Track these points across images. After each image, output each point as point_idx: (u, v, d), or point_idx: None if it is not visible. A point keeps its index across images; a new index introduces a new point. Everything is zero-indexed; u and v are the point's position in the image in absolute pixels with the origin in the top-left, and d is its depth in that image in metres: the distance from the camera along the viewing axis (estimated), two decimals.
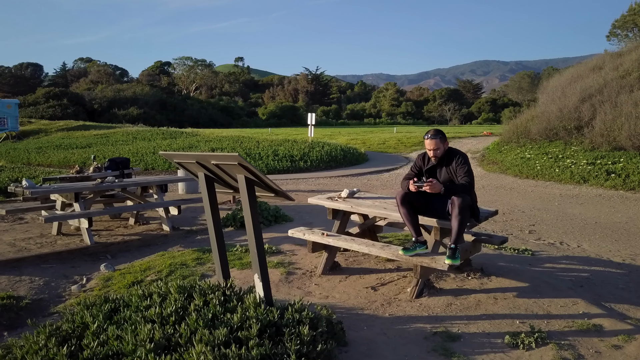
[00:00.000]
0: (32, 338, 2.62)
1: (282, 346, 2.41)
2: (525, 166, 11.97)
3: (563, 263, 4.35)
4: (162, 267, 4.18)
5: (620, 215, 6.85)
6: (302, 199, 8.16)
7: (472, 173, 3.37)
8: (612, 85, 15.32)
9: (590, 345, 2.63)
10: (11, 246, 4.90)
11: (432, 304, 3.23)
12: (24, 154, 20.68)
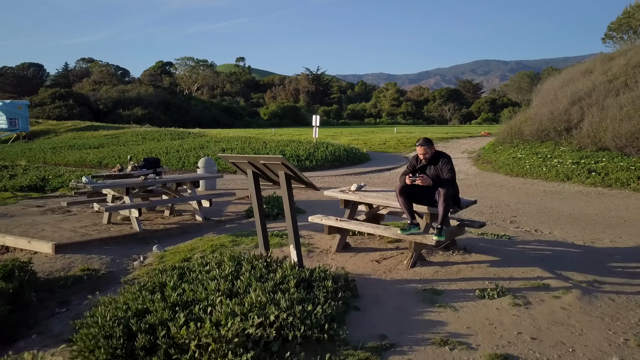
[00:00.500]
0: (130, 289, 3.58)
1: (312, 294, 3.37)
2: (516, 165, 12.92)
3: (533, 245, 5.30)
4: (205, 248, 5.13)
5: (593, 208, 7.80)
6: (311, 194, 9.12)
7: (454, 170, 4.32)
8: (600, 89, 16.27)
9: (537, 296, 3.58)
10: (73, 232, 5.85)
11: (423, 271, 4.18)
12: (39, 154, 21.62)
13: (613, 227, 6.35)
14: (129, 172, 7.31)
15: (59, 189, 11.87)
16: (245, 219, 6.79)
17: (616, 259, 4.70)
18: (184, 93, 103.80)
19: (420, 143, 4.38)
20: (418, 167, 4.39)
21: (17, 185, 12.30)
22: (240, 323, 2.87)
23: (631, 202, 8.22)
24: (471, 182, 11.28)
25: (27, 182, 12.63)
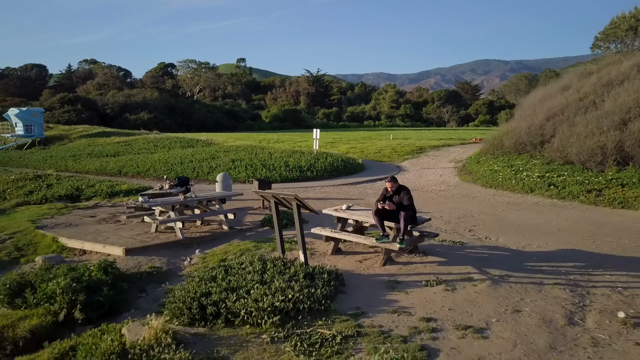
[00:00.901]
0: (192, 280, 5.44)
1: (314, 282, 5.23)
2: (492, 177, 14.78)
3: (478, 249, 7.15)
4: (235, 251, 6.99)
5: (541, 218, 9.64)
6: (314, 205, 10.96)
7: (412, 198, 6.16)
8: (572, 106, 18.12)
9: (462, 285, 5.44)
10: (132, 239, 7.71)
11: (391, 268, 6.04)
12: (61, 162, 23.46)
13: (547, 234, 8.21)
14: (167, 190, 9.16)
15: (92, 198, 13.73)
16: (261, 227, 8.65)
17: (532, 259, 6.56)
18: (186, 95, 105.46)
19: (388, 180, 6.23)
20: (387, 195, 6.24)
21: (55, 195, 14.17)
22: (270, 299, 4.73)
23: (573, 214, 10.07)
24: (450, 193, 13.13)
25: (64, 191, 14.50)
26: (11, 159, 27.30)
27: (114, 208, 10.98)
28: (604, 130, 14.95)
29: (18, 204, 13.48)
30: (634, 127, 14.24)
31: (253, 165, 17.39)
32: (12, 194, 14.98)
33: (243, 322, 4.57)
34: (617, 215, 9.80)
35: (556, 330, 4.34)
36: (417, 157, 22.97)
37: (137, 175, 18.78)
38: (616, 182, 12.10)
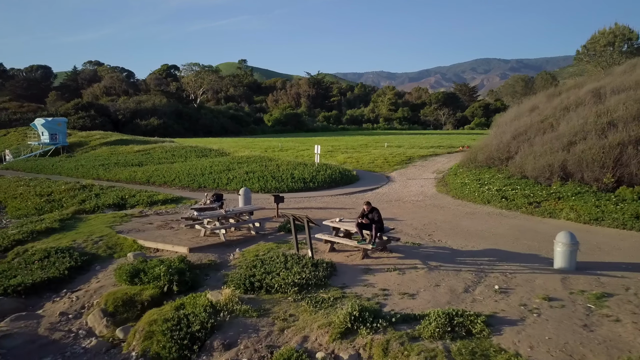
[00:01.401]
0: (239, 269, 8.77)
1: (317, 268, 8.57)
2: (460, 189, 18.09)
3: (429, 249, 10.47)
4: (264, 249, 10.31)
5: (485, 225, 12.95)
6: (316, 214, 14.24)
7: (381, 216, 9.47)
8: (534, 127, 21.42)
9: (409, 271, 8.76)
10: (190, 241, 11.03)
11: (367, 261, 9.37)
12: (92, 171, 26.70)
13: (483, 238, 11.52)
14: (209, 204, 12.47)
15: (136, 206, 17.04)
16: (278, 232, 11.97)
17: (463, 256, 9.88)
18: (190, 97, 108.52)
19: (365, 203, 9.55)
20: (365, 213, 9.56)
21: (105, 203, 17.50)
22: (292, 277, 8.07)
23: (511, 222, 13.39)
24: (424, 203, 16.45)
25: (111, 200, 17.82)
26: (45, 166, 30.53)
27: (163, 216, 14.31)
28: (554, 151, 18.25)
29: (76, 211, 16.72)
30: (576, 149, 17.53)
31: (264, 177, 20.70)
32: (67, 202, 18.29)
33: (276, 291, 7.91)
34: (543, 224, 13.13)
35: (456, 295, 7.66)
36: (405, 167, 26.29)
37: (163, 185, 22.04)
38: (554, 196, 15.41)
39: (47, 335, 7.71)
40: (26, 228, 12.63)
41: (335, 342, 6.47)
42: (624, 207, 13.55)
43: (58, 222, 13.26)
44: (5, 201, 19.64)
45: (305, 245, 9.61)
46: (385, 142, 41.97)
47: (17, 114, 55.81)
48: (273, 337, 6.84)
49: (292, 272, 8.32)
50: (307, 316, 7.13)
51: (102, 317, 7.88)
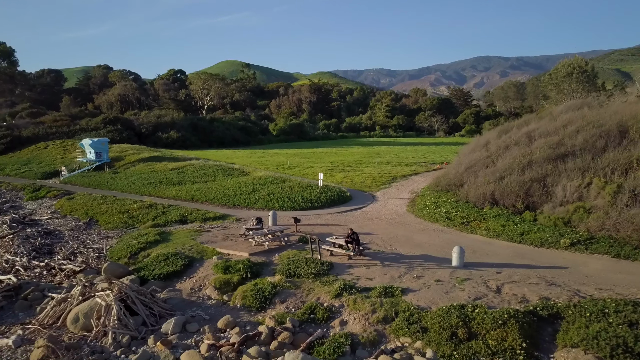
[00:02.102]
0: (280, 266, 16.56)
1: (323, 265, 16.37)
2: (422, 210, 25.80)
3: (387, 254, 18.24)
4: (292, 254, 18.07)
5: (428, 238, 20.65)
6: (320, 229, 22.00)
7: (358, 236, 17.24)
8: (481, 162, 29.11)
9: (372, 267, 16.53)
10: (248, 249, 18.79)
11: (350, 262, 17.16)
12: (144, 188, 34.37)
13: (422, 247, 19.26)
14: (256, 225, 20.20)
15: (194, 222, 24.77)
16: (299, 242, 19.69)
17: (405, 258, 17.65)
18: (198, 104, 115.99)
19: (350, 230, 17.33)
20: (350, 234, 17.32)
21: (172, 220, 25.22)
22: (310, 270, 15.88)
23: (445, 236, 21.10)
24: (394, 221, 24.17)
25: (175, 217, 25.54)
26: (100, 182, 38.26)
27: (221, 231, 22.04)
28: (489, 182, 25.98)
29: (152, 225, 24.51)
30: (503, 182, 25.24)
31: (282, 198, 28.43)
32: (143, 218, 26.02)
33: (302, 277, 15.70)
34: (465, 237, 20.89)
35: (393, 279, 15.41)
36: (388, 186, 34.02)
37: (205, 202, 29.74)
38: (481, 217, 23.12)
39: (188, 299, 15.48)
40: (142, 239, 20.37)
41: (332, 299, 14.22)
42: (519, 226, 21.29)
43: (158, 236, 21.02)
44: (95, 216, 27.35)
45: (315, 252, 17.37)
46: (377, 159, 49.62)
47: (52, 127, 63.40)
48: (303, 297, 14.60)
49: (309, 267, 16.08)
50: (319, 288, 14.89)
51: (214, 290, 15.64)
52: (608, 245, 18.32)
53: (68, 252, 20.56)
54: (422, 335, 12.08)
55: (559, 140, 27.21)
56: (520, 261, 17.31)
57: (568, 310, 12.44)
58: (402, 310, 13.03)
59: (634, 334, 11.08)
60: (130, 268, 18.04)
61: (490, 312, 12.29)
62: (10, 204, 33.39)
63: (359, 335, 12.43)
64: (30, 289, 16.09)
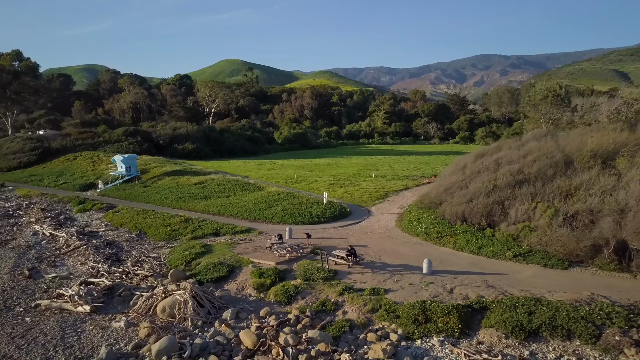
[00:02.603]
0: (300, 272, 23.23)
1: (329, 272, 23.05)
2: (407, 225, 32.38)
3: (377, 263, 24.87)
4: (306, 263, 24.71)
5: (409, 250, 27.23)
6: (326, 242, 28.66)
7: (355, 250, 23.88)
8: (457, 184, 35.67)
9: (366, 273, 23.18)
10: (274, 258, 25.43)
11: (349, 269, 23.82)
12: (175, 202, 40.93)
13: (404, 258, 25.87)
14: (278, 240, 26.83)
15: (225, 235, 31.42)
16: (311, 254, 26.31)
17: (390, 266, 24.28)
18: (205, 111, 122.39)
19: (349, 245, 23.99)
20: (349, 249, 23.95)
21: (207, 233, 31.87)
22: (320, 275, 22.56)
23: (422, 248, 27.69)
24: (384, 235, 30.77)
25: (210, 231, 32.20)
26: (134, 196, 44.85)
27: (249, 243, 28.65)
28: (462, 203, 32.57)
29: (192, 237, 31.19)
30: (472, 203, 31.82)
31: (294, 214, 35.02)
32: (184, 231, 32.65)
33: (315, 280, 22.34)
34: (437, 250, 27.52)
35: (379, 282, 22.04)
36: (382, 202, 40.60)
37: (230, 216, 36.33)
38: (452, 232, 29.70)
39: (235, 296, 22.12)
40: (192, 251, 26.98)
41: (337, 297, 20.85)
42: (479, 241, 27.88)
43: (202, 248, 27.64)
44: (143, 229, 33.95)
45: (324, 262, 23.99)
46: (374, 172, 56.17)
47: (79, 140, 69.86)
48: (316, 295, 21.24)
49: (320, 273, 22.72)
50: (327, 289, 21.53)
51: (253, 289, 22.28)
52: (540, 257, 24.97)
53: (134, 260, 27.17)
54: (395, 320, 18.71)
55: (519, 168, 33.83)
56: (473, 269, 23.95)
57: (493, 304, 19.09)
58: (384, 304, 19.67)
59: (529, 318, 17.74)
60: (187, 273, 24.66)
61: (441, 305, 18.94)
62: (64, 216, 39.99)
63: (355, 320, 19.07)
64: (122, 289, 22.74)
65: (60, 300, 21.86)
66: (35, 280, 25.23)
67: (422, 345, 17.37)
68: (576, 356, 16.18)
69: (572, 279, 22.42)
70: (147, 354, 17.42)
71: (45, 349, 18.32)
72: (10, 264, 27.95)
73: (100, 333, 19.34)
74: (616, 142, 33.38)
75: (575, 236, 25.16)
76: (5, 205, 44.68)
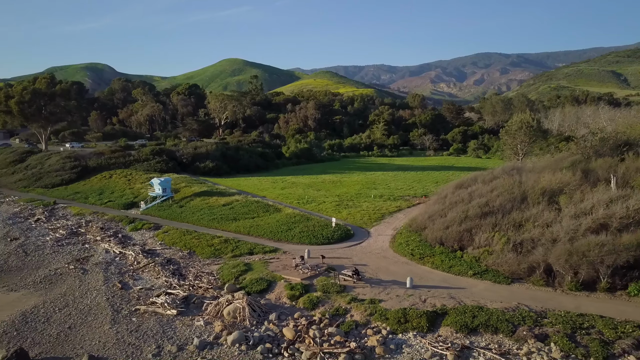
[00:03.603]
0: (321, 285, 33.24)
1: (340, 287, 33.05)
2: (397, 247, 42.30)
3: (373, 279, 34.77)
4: (324, 279, 34.67)
5: (398, 268, 37.10)
6: (335, 261, 38.65)
7: (358, 270, 33.86)
8: (438, 213, 45.53)
9: (365, 287, 33.15)
10: (299, 275, 35.39)
11: (354, 285, 33.82)
12: (210, 223, 50.89)
13: (394, 275, 35.79)
14: (300, 262, 36.79)
15: (258, 254, 41.46)
16: (326, 271, 36.25)
17: (383, 282, 34.23)
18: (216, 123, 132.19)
19: (354, 268, 33.98)
20: (353, 269, 33.90)
21: (244, 252, 41.98)
22: (334, 289, 32.56)
23: (407, 267, 37.52)
24: (380, 255, 40.69)
25: (246, 250, 42.31)
26: (174, 216, 54.85)
27: (278, 262, 38.62)
28: (441, 229, 42.51)
29: (232, 256, 41.29)
30: (448, 230, 41.72)
31: (309, 235, 44.96)
32: (225, 250, 42.70)
33: (331, 293, 32.31)
34: (419, 268, 37.47)
35: (375, 294, 32.00)
36: (379, 223, 50.52)
37: (258, 237, 46.28)
38: (431, 254, 39.64)
39: (274, 304, 32.05)
40: (238, 268, 36.92)
41: (346, 305, 30.79)
42: (451, 261, 37.80)
43: (244, 266, 37.60)
44: (192, 248, 43.85)
45: (336, 279, 33.91)
46: (372, 191, 66.07)
47: (112, 158, 79.60)
48: (332, 303, 31.19)
49: (334, 287, 32.67)
50: (339, 299, 31.50)
51: (287, 299, 32.21)
52: (492, 275, 34.93)
53: (194, 275, 37.11)
54: (385, 321, 28.66)
55: (486, 201, 43.77)
56: (443, 284, 33.89)
57: (451, 310, 29.08)
58: (378, 310, 29.64)
59: (472, 320, 27.73)
60: (237, 286, 34.58)
61: (416, 311, 28.91)
62: (121, 234, 49.92)
63: (359, 321, 29.02)
64: (194, 298, 32.70)
65: (153, 306, 31.86)
66: (127, 290, 35.22)
67: (402, 337, 27.38)
68: (498, 344, 26.17)
69: (511, 292, 32.42)
70: (224, 342, 27.40)
71: (155, 339, 28.32)
72: (101, 277, 37.92)
73: (188, 329, 29.32)
74: (561, 181, 43.32)
75: (518, 259, 35.16)
76: (67, 224, 54.62)
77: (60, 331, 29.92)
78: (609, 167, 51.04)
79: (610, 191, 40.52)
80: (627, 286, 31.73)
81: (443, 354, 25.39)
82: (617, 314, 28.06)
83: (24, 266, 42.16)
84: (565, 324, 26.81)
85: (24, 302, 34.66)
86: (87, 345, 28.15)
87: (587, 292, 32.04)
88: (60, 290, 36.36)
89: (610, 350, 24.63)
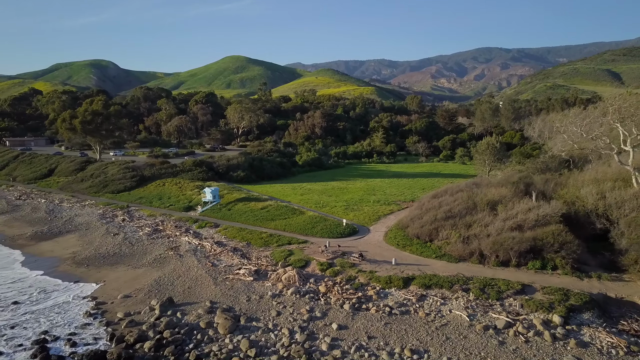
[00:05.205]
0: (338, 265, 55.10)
1: (353, 264, 54.91)
2: (389, 240, 63.95)
3: (372, 260, 56.59)
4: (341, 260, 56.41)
5: (390, 253, 58.68)
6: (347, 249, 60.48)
7: (362, 253, 55.58)
8: (417, 216, 67.03)
9: (366, 266, 55.00)
10: (325, 256, 57.13)
11: (360, 263, 55.61)
12: (257, 222, 72.88)
13: (385, 257, 57.49)
14: (326, 248, 58.52)
15: (295, 244, 63.39)
16: (341, 254, 57.93)
17: (377, 261, 56.06)
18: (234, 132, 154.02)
19: (360, 252, 55.78)
20: (360, 254, 55.60)
21: (284, 242, 64.00)
22: (347, 265, 54.43)
23: (395, 253, 59.26)
24: (376, 245, 62.20)
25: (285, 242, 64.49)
26: (227, 217, 76.85)
27: (310, 248, 60.39)
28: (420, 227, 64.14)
29: (277, 245, 63.44)
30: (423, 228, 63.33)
31: (327, 231, 66.74)
32: (271, 241, 64.92)
33: (346, 267, 54.14)
34: (401, 253, 59.21)
35: (373, 268, 53.82)
36: (377, 222, 72.19)
37: (292, 232, 68.18)
38: (411, 244, 61.29)
39: (312, 273, 53.89)
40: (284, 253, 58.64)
41: (355, 274, 52.50)
42: (422, 249, 59.58)
43: (288, 252, 59.37)
44: (249, 241, 65.54)
45: (348, 259, 55.50)
46: (372, 197, 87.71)
47: (162, 169, 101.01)
48: (347, 273, 52.86)
49: (347, 264, 54.44)
50: (351, 271, 53.21)
51: (319, 271, 54.06)
52: (447, 257, 56.69)
53: (256, 257, 58.82)
54: (379, 282, 50.40)
55: (449, 208, 65.42)
56: (415, 263, 55.61)
57: (418, 277, 50.93)
58: (374, 276, 51.40)
59: (429, 282, 49.60)
60: (286, 264, 56.20)
61: (397, 277, 50.75)
62: (192, 231, 71.58)
63: (363, 282, 50.75)
64: (261, 271, 54.59)
65: (237, 275, 53.64)
66: (215, 267, 56.95)
67: (388, 290, 49.15)
68: (441, 294, 47.92)
69: (456, 267, 54.16)
70: (285, 293, 49.20)
71: (244, 292, 50.12)
72: (195, 260, 59.62)
73: (262, 287, 51.05)
74: (500, 194, 64.98)
75: (464, 247, 56.94)
76: (147, 223, 76.32)
77: (184, 289, 51.71)
78: (545, 182, 73.49)
79: (530, 202, 62.30)
80: (527, 263, 53.55)
81: (410, 298, 47.24)
82: (514, 279, 49.86)
83: (134, 253, 63.93)
84: (480, 283, 48.65)
85: (149, 275, 56.40)
86: (204, 296, 49.90)
87: (503, 267, 53.84)
88: (169, 268, 58.09)
89: (501, 295, 46.49)
